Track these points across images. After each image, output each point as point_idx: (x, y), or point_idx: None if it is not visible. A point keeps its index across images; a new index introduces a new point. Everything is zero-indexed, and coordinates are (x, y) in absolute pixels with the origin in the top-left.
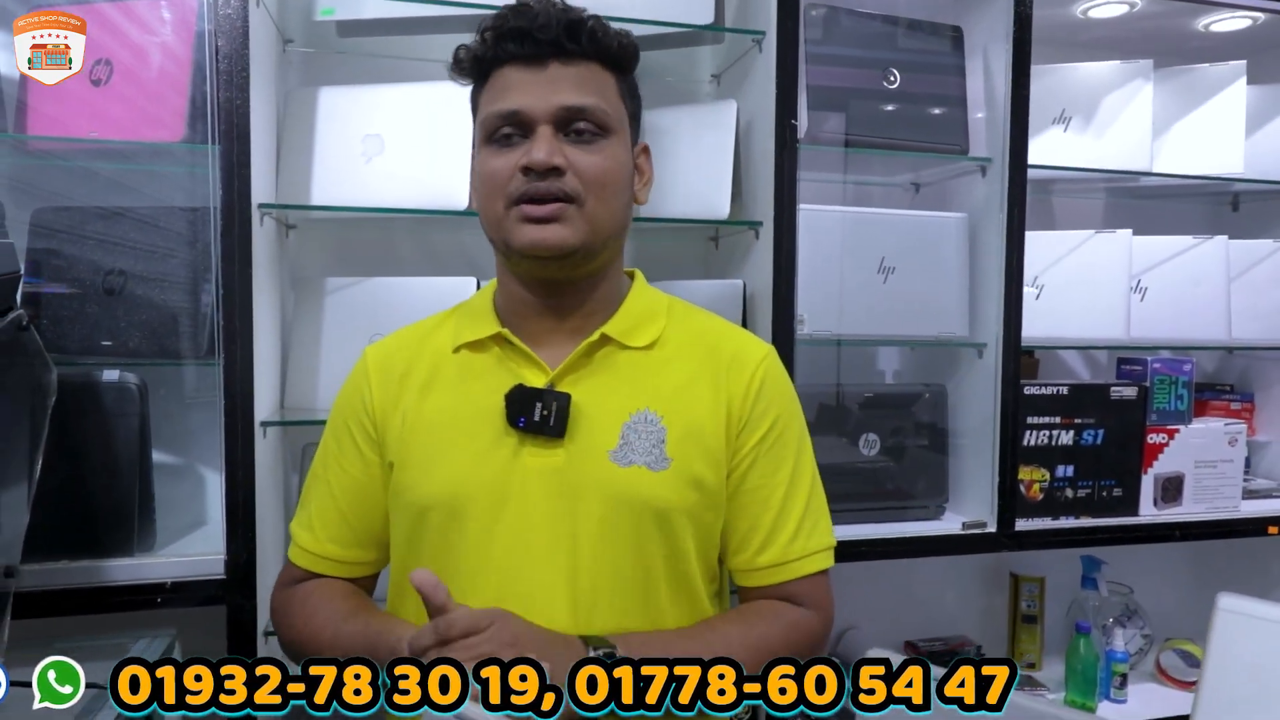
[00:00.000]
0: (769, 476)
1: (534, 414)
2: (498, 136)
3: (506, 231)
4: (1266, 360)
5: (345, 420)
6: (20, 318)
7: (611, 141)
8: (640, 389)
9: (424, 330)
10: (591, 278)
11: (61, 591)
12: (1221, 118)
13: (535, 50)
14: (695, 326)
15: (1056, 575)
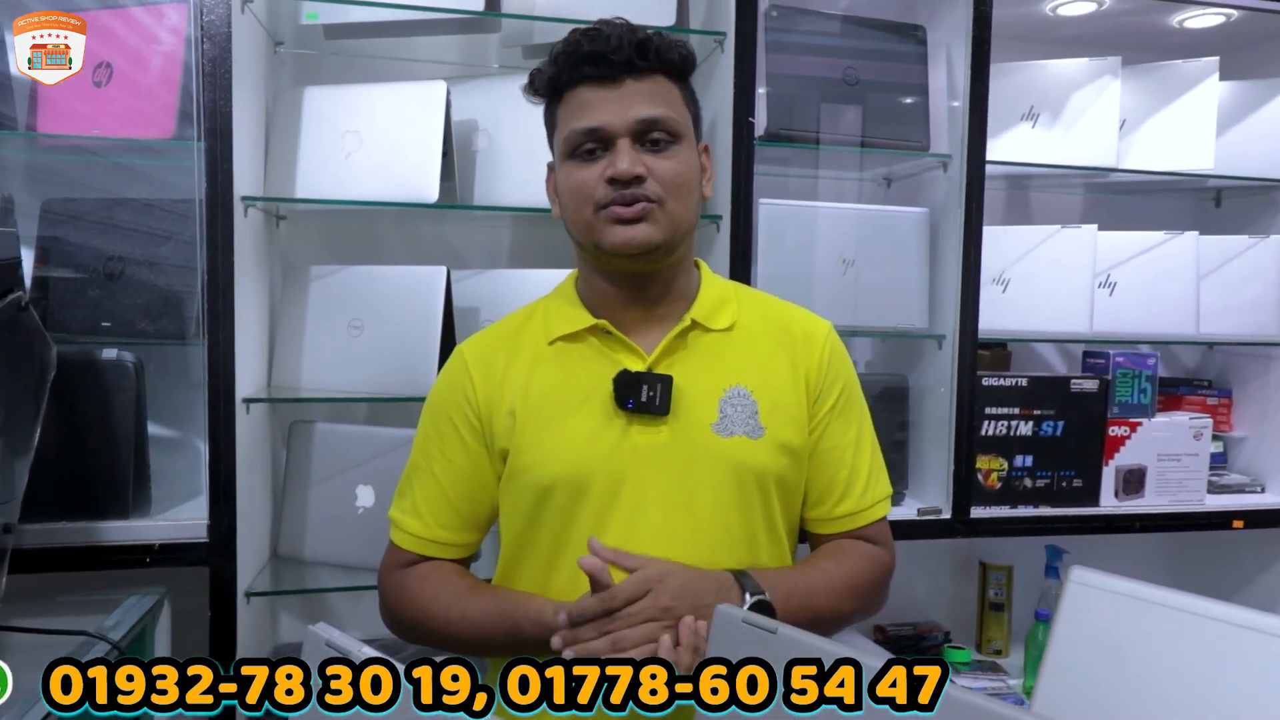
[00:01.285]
0: (841, 436)
1: (640, 395)
2: (580, 151)
3: (598, 234)
4: (1245, 356)
5: (448, 414)
6: (20, 299)
7: (683, 146)
8: (729, 367)
9: (514, 326)
10: (672, 269)
11: (60, 549)
12: (1193, 114)
13: (609, 70)
14: (763, 308)
15: (1025, 565)
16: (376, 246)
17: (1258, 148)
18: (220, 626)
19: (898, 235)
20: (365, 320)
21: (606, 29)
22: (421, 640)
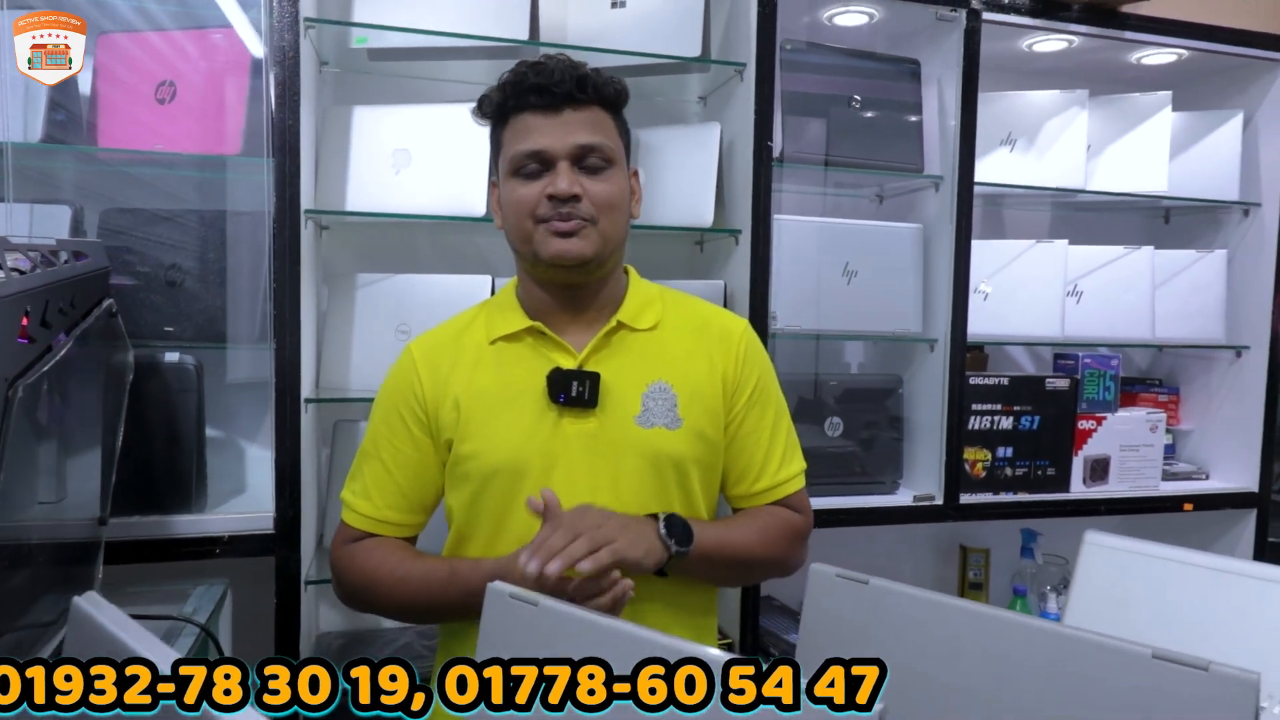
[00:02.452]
0: (757, 423)
1: (571, 390)
2: (524, 171)
3: (536, 245)
4: (1191, 358)
5: (396, 406)
6: (111, 306)
7: (615, 170)
8: (652, 363)
9: (458, 327)
10: (603, 279)
11: (135, 542)
12: (1149, 141)
13: (552, 100)
14: (684, 308)
15: (1002, 548)
16: (413, 255)
17: (1205, 171)
18: (285, 613)
19: (894, 248)
20: (413, 325)
21: (551, 63)
22: (369, 605)
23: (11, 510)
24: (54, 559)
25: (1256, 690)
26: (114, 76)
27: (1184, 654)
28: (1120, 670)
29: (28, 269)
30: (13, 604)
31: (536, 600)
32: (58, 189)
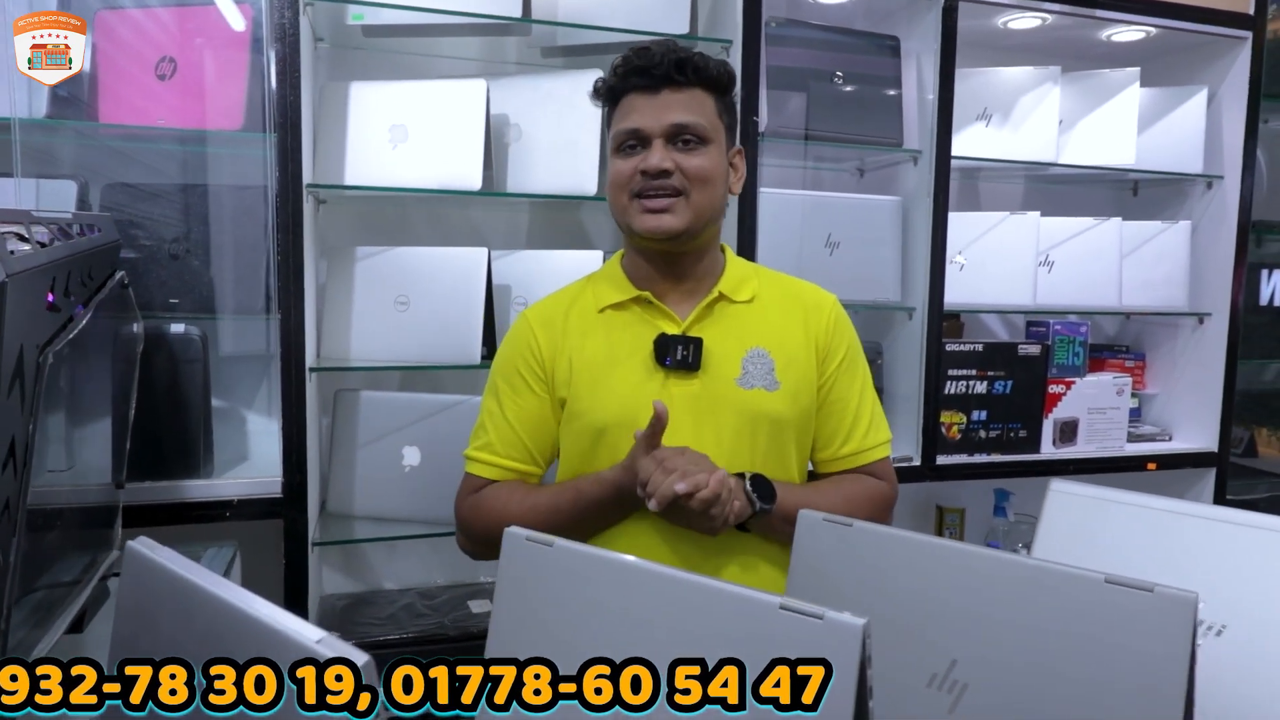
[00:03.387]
0: (846, 390)
1: (676, 354)
2: (624, 147)
3: (630, 218)
4: (1156, 325)
5: (515, 366)
6: (123, 278)
7: (710, 148)
8: (750, 331)
9: (568, 296)
10: (700, 250)
11: (147, 506)
12: (1118, 116)
13: (651, 82)
14: (778, 283)
15: (976, 508)
16: (409, 229)
17: (1171, 145)
18: (293, 573)
19: (875, 220)
20: (412, 296)
21: (655, 48)
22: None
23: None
24: (77, 521)
25: (1194, 608)
26: (115, 53)
27: (1131, 577)
28: (1077, 595)
29: (48, 242)
30: (41, 564)
31: (551, 541)
32: (62, 165)
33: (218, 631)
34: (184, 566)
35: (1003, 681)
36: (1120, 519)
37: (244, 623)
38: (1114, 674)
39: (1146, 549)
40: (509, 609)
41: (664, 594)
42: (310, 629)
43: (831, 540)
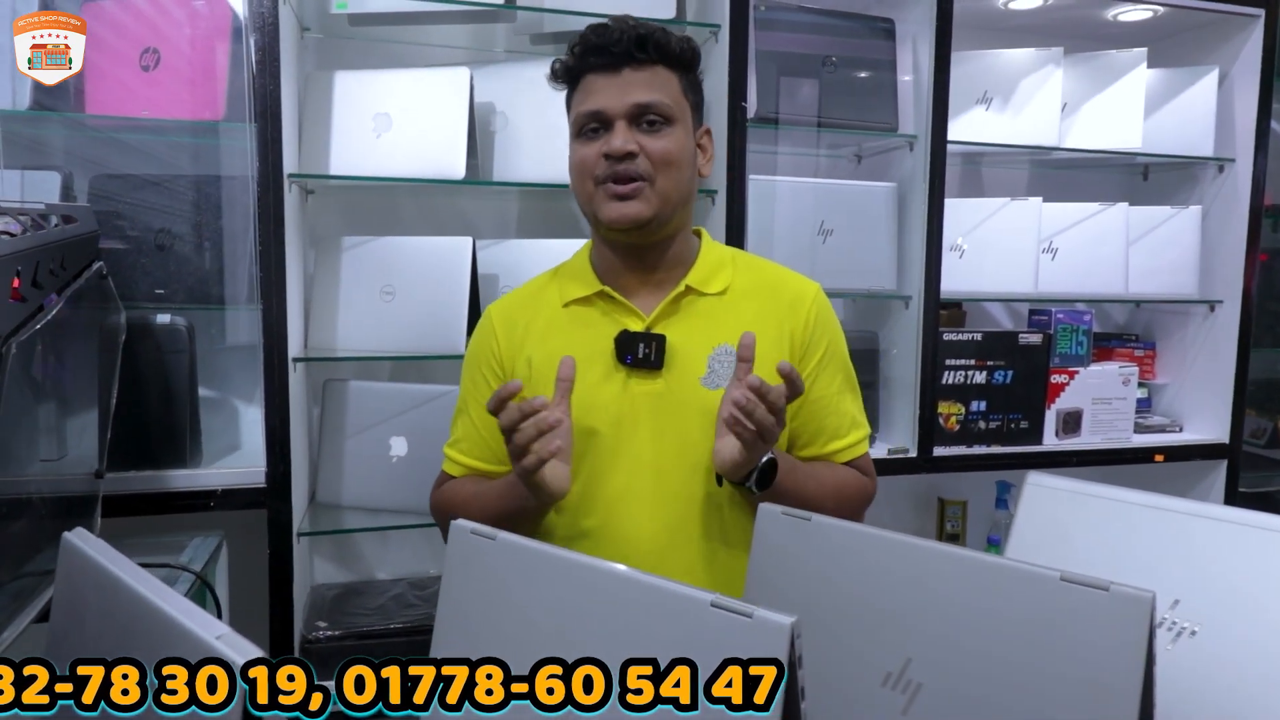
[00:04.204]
0: (827, 387)
1: (638, 352)
2: (585, 131)
3: (596, 206)
4: (1167, 313)
5: (479, 367)
6: (101, 269)
7: (675, 128)
8: (719, 327)
9: (534, 289)
10: (668, 239)
11: (131, 495)
12: (1124, 98)
13: (611, 60)
14: (756, 272)
15: (978, 500)
16: (397, 218)
17: (1180, 128)
18: (278, 563)
19: (870, 207)
20: (397, 286)
21: (614, 25)
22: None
23: (9, 463)
24: (53, 510)
25: (1151, 608)
26: (100, 43)
27: (1088, 576)
28: (1032, 593)
29: (18, 232)
30: (14, 553)
31: (495, 535)
32: (48, 156)
33: (132, 624)
34: (110, 559)
35: (958, 681)
36: (1098, 514)
37: (153, 616)
38: (1070, 674)
39: (1122, 545)
40: (454, 601)
41: (597, 589)
42: (214, 624)
43: (790, 534)
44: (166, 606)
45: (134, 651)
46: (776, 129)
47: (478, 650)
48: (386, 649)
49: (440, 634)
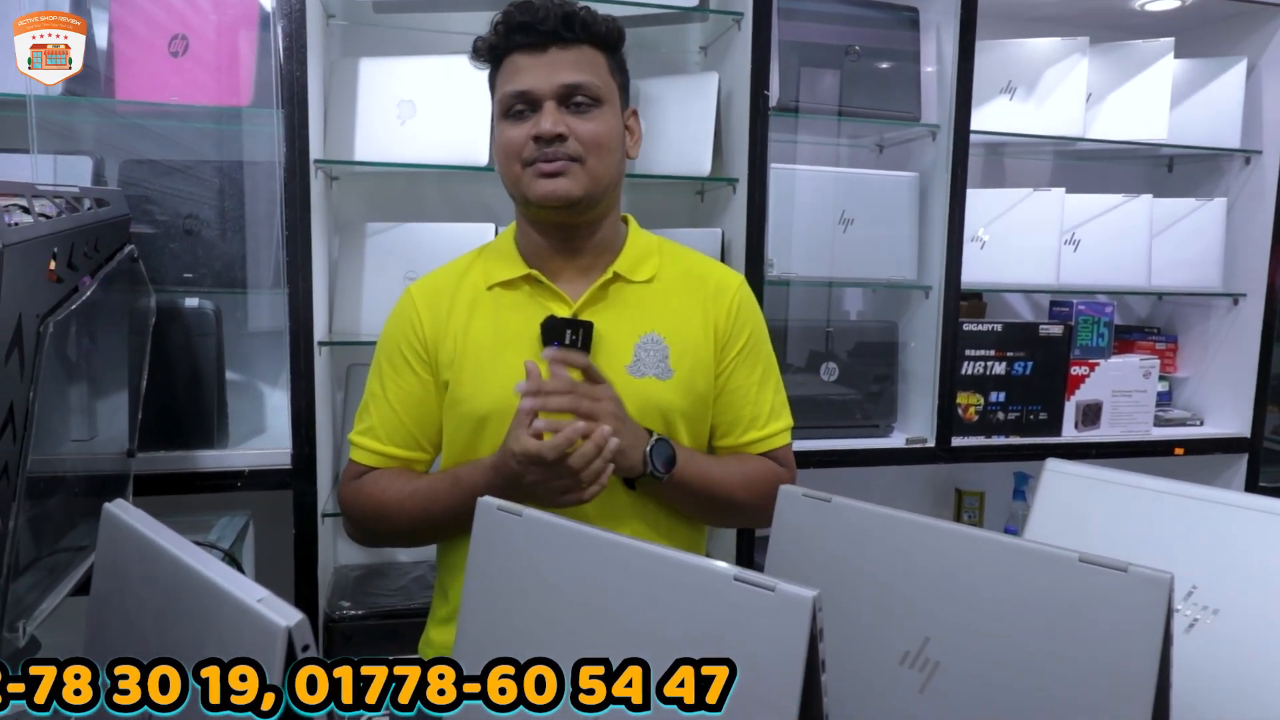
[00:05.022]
0: (746, 378)
1: (564, 338)
2: (512, 112)
3: (524, 187)
4: (1189, 306)
5: (398, 346)
6: (132, 252)
7: (604, 110)
8: (645, 315)
9: (457, 271)
10: (596, 222)
11: (161, 475)
12: (1150, 89)
13: (538, 39)
14: (682, 262)
15: (995, 491)
16: (420, 205)
17: (1207, 119)
18: (303, 543)
19: (890, 197)
20: (420, 272)
21: (539, 2)
22: (379, 533)
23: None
24: (86, 488)
25: (1169, 589)
26: (129, 30)
27: (1107, 557)
28: (1051, 574)
29: (54, 215)
30: (50, 529)
31: (520, 511)
32: (79, 141)
33: (174, 589)
34: (152, 528)
35: (975, 661)
36: (1116, 500)
37: (195, 581)
38: (1087, 654)
39: (1141, 531)
40: (480, 577)
41: (621, 564)
42: (255, 589)
43: (810, 515)
44: (208, 572)
45: (174, 616)
46: (798, 118)
47: (504, 628)
48: (408, 629)
49: (466, 611)
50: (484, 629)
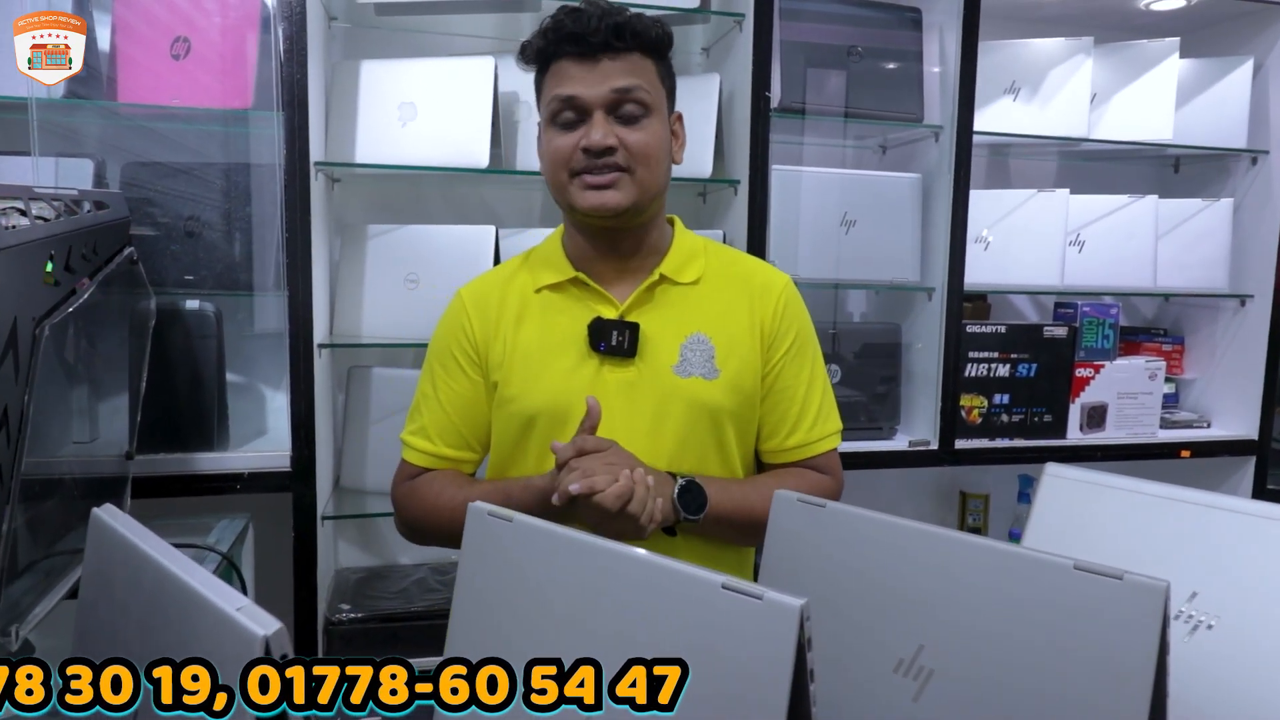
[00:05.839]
0: (793, 378)
1: (611, 339)
2: (560, 120)
3: (571, 196)
4: (1195, 308)
5: (449, 348)
6: (131, 254)
7: (653, 118)
8: (692, 315)
9: (505, 274)
10: (643, 227)
11: (161, 477)
12: (1155, 89)
13: (588, 49)
14: (728, 261)
15: (1000, 494)
16: (422, 207)
17: (1213, 119)
18: (303, 545)
19: (893, 198)
20: (421, 274)
21: (588, 10)
22: (430, 534)
23: (43, 443)
24: (84, 490)
25: (1165, 597)
26: (132, 32)
27: (1102, 565)
28: (1046, 581)
29: (51, 217)
30: (46, 532)
31: (511, 516)
32: (81, 143)
33: (157, 596)
34: (137, 533)
35: (969, 669)
36: (1116, 505)
37: (177, 588)
38: (1082, 663)
39: (1141, 536)
40: (471, 582)
41: (611, 571)
42: (236, 597)
43: (805, 521)
44: (190, 580)
45: (157, 622)
46: (802, 119)
47: (493, 633)
48: (408, 632)
49: (457, 616)
50: (474, 634)
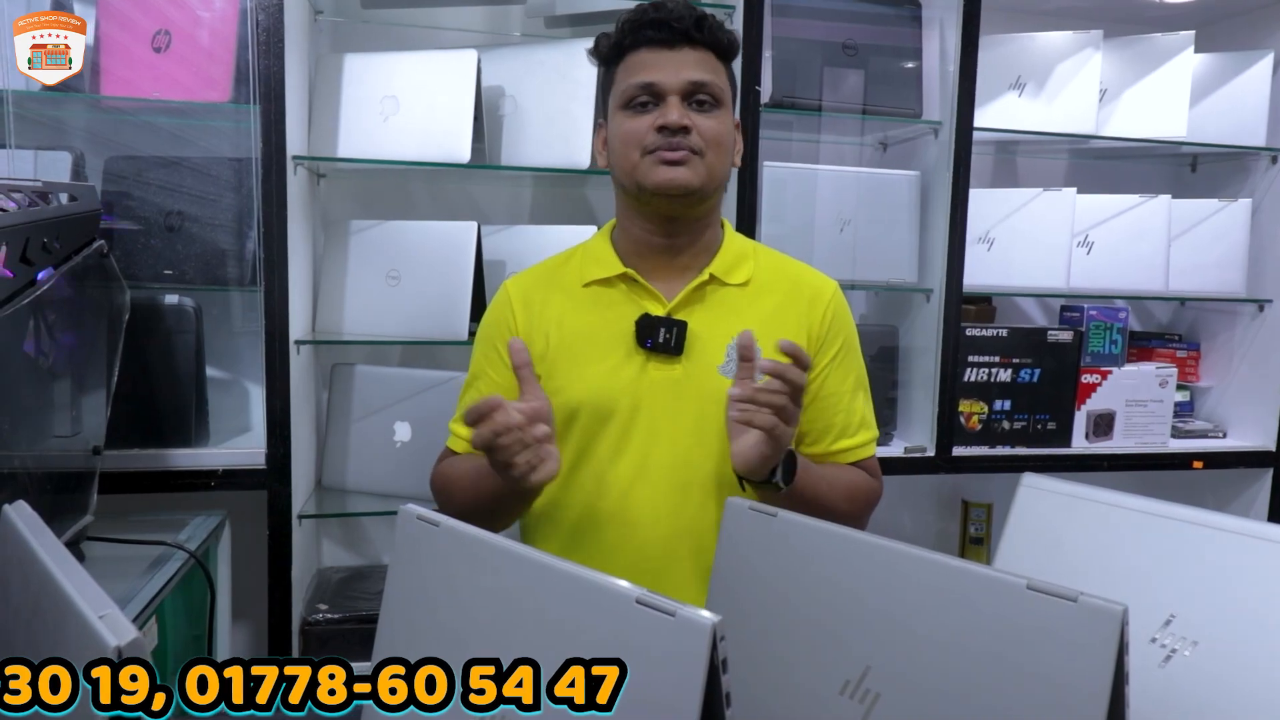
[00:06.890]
0: (839, 384)
1: (658, 337)
2: (634, 104)
3: (642, 174)
4: (1212, 312)
5: (492, 339)
6: (101, 247)
7: (722, 111)
8: (740, 317)
9: (552, 268)
10: (701, 221)
11: (134, 473)
12: (1169, 84)
13: (670, 36)
14: (777, 266)
15: (1004, 503)
16: (409, 203)
17: (1230, 116)
18: (277, 544)
19: (891, 196)
20: (403, 271)
21: (671, 3)
22: (455, 509)
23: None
24: (48, 485)
25: (1121, 622)
26: (115, 24)
27: (1056, 585)
28: (998, 601)
29: (11, 209)
30: None
31: (439, 521)
32: (65, 136)
33: (40, 600)
34: (35, 531)
35: (917, 692)
36: (1095, 519)
37: (55, 589)
38: (1034, 689)
39: (1118, 553)
40: (398, 587)
41: (530, 579)
42: (103, 602)
43: (757, 530)
44: (66, 583)
45: (39, 623)
46: (794, 115)
47: (416, 637)
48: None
49: (385, 620)
50: (400, 635)
